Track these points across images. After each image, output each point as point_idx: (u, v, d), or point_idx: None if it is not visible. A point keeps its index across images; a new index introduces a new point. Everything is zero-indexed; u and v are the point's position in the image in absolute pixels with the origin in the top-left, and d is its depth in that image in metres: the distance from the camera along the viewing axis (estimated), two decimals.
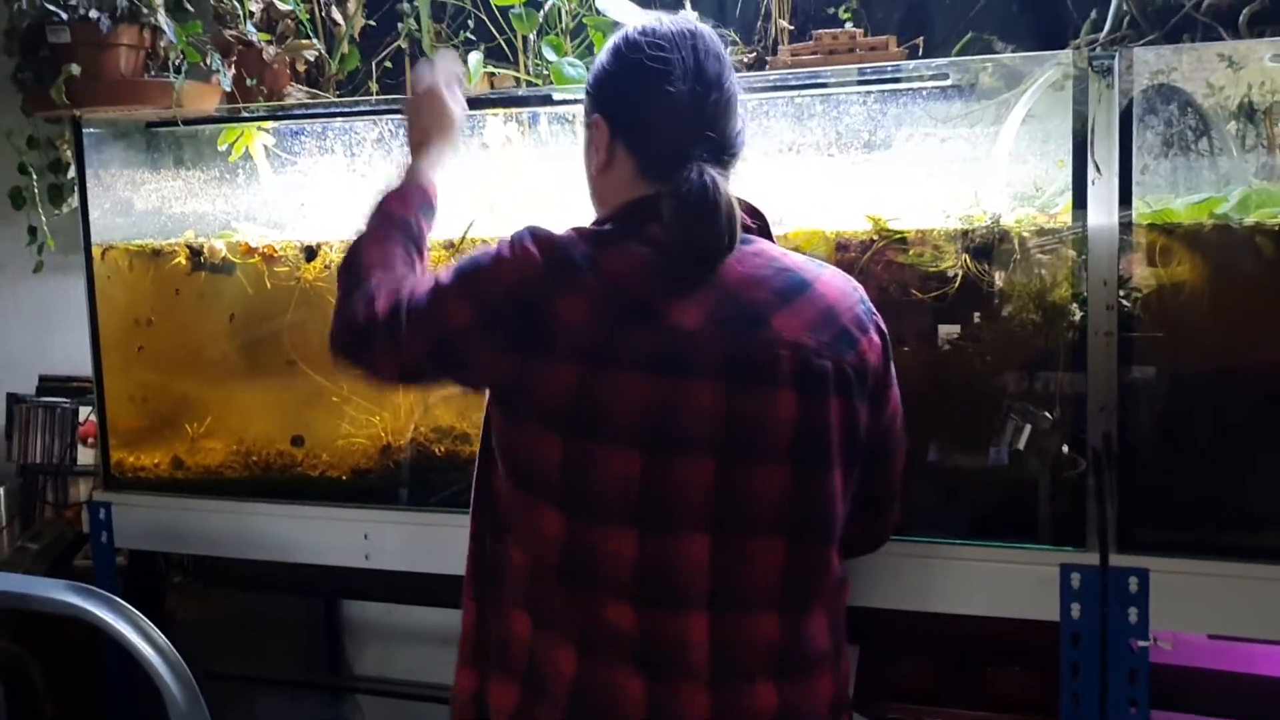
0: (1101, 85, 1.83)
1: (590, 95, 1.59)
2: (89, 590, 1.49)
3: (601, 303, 1.43)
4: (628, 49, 1.52)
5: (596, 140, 1.56)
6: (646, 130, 1.51)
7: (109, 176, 2.54)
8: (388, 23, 2.72)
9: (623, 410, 1.41)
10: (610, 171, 1.55)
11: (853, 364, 1.48)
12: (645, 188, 1.51)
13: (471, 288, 1.49)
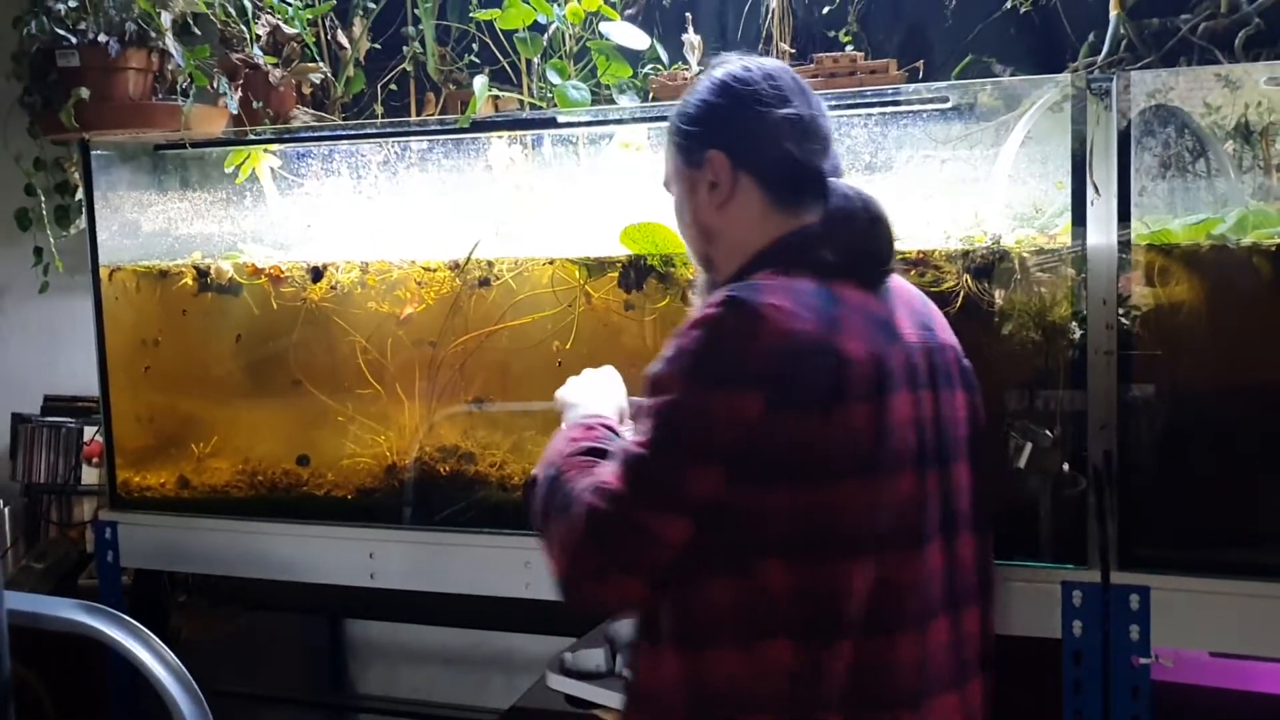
0: (1100, 107, 1.85)
1: (695, 134, 1.50)
2: (99, 609, 1.50)
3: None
4: (739, 82, 1.48)
5: (715, 176, 1.48)
6: (777, 158, 1.46)
7: (116, 198, 2.57)
8: (393, 46, 2.75)
9: (900, 433, 1.37)
10: (733, 207, 1.48)
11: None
12: (785, 217, 1.46)
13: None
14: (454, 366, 2.29)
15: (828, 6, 2.51)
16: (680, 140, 1.52)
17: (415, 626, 2.97)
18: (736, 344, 1.32)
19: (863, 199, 1.47)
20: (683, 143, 1.52)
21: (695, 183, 1.50)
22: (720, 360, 1.32)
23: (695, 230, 1.53)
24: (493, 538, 2.21)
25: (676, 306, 2.14)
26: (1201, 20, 2.15)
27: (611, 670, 2.25)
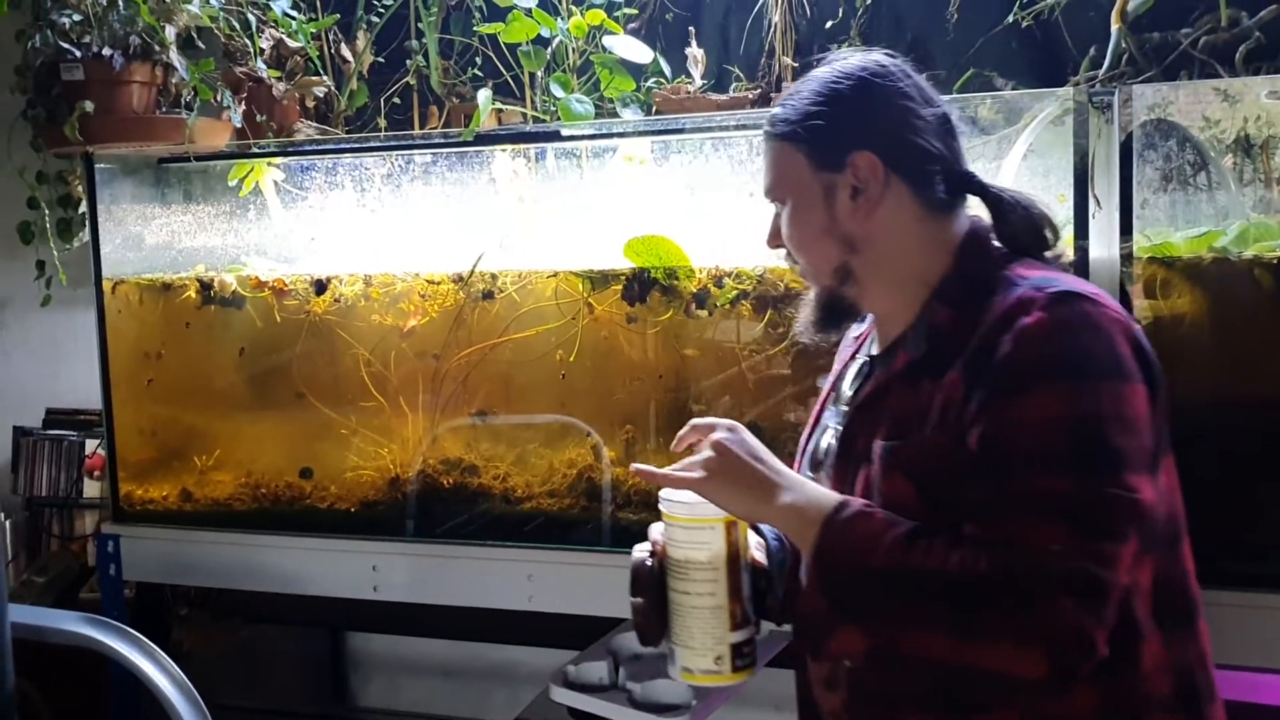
0: (1101, 121, 1.86)
1: (830, 134, 1.34)
2: (103, 622, 1.50)
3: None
4: (879, 76, 1.36)
5: (861, 180, 1.32)
6: (932, 158, 1.34)
7: (120, 211, 2.57)
8: (396, 60, 2.76)
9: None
10: (882, 212, 1.33)
11: None
12: (944, 221, 1.35)
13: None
14: (457, 379, 2.30)
15: (830, 20, 2.52)
16: (808, 142, 1.35)
17: (417, 639, 2.97)
18: (1109, 338, 1.19)
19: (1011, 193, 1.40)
20: (812, 144, 1.35)
21: (831, 188, 1.34)
22: (1104, 357, 1.18)
23: (831, 240, 1.35)
24: (495, 550, 2.21)
25: (679, 319, 2.15)
26: (1202, 34, 2.16)
27: (614, 683, 2.24)
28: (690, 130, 2.22)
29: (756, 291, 2.11)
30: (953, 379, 1.23)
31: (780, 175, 1.38)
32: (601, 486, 2.22)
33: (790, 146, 1.36)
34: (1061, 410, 1.15)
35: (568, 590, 2.16)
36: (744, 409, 2.16)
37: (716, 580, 1.36)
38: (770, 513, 1.30)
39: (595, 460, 2.24)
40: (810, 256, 1.38)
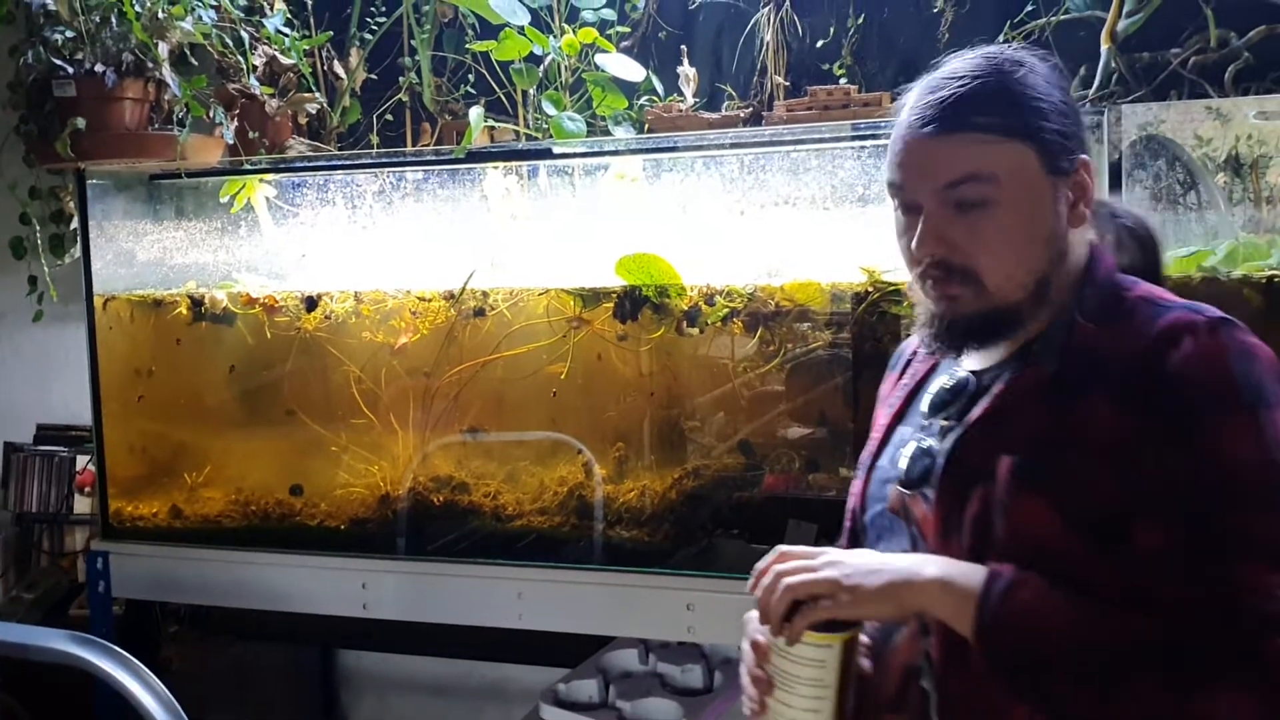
0: (1091, 140, 1.86)
1: (1070, 139, 1.25)
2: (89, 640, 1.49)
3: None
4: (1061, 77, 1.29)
5: (1085, 187, 1.25)
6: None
7: (111, 227, 2.57)
8: (389, 77, 2.76)
9: None
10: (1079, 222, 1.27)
11: None
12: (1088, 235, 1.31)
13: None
14: (448, 396, 2.29)
15: (822, 40, 2.53)
16: (1040, 140, 1.23)
17: (408, 656, 2.96)
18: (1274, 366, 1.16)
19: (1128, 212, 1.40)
20: (1046, 143, 1.23)
21: (1056, 191, 1.23)
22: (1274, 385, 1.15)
23: (1046, 249, 1.24)
24: (486, 568, 2.21)
25: (670, 337, 2.15)
26: (1191, 54, 2.17)
27: (604, 702, 2.24)
28: (682, 148, 2.22)
29: (747, 309, 2.11)
30: (1103, 401, 1.17)
31: (999, 169, 1.21)
32: (593, 504, 2.22)
33: (1018, 143, 1.22)
34: (1254, 443, 1.11)
35: (558, 608, 2.15)
36: (736, 426, 2.16)
37: (824, 698, 1.24)
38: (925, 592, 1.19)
39: (586, 478, 2.24)
40: (1011, 265, 1.23)
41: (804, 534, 2.08)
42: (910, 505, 1.31)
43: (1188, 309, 1.18)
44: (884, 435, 1.40)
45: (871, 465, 1.40)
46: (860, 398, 2.06)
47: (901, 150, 1.26)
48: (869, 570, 1.20)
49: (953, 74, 1.25)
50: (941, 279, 1.24)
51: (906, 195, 1.26)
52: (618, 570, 2.13)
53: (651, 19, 2.64)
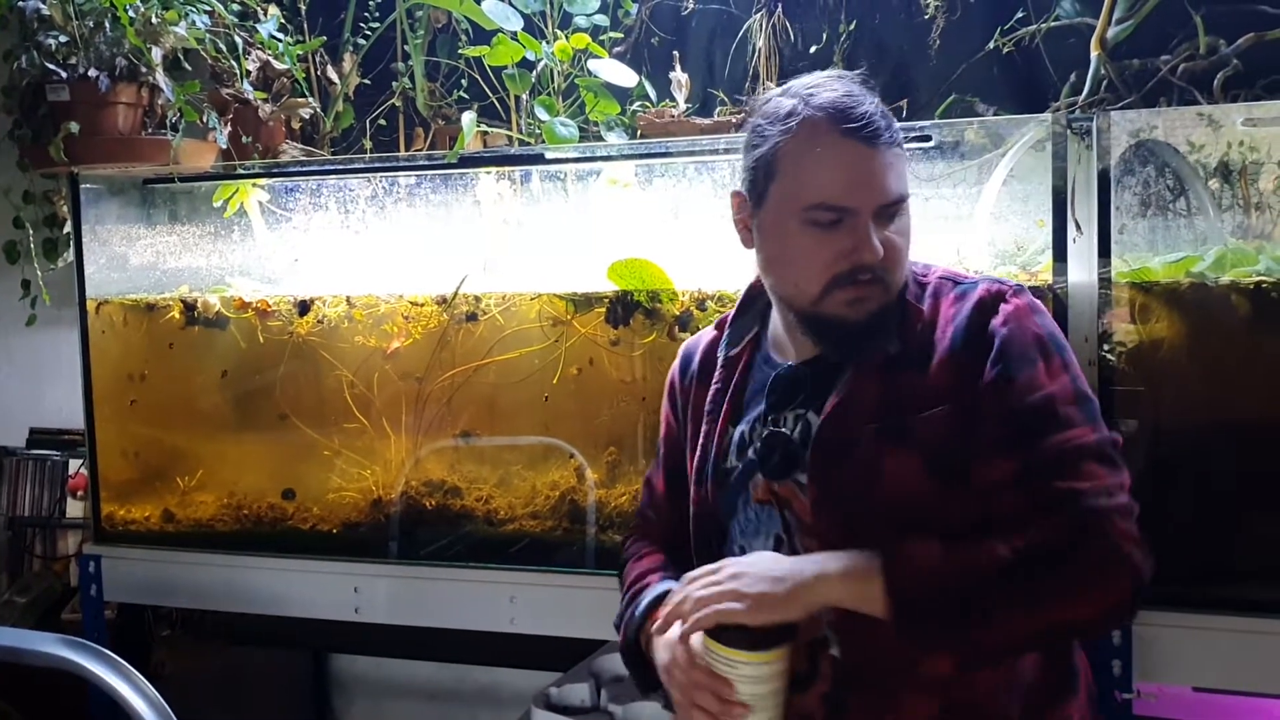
0: (1081, 146, 1.87)
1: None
2: (81, 644, 1.49)
3: None
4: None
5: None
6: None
7: (105, 232, 2.57)
8: (382, 82, 2.77)
9: None
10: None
11: None
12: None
13: None
14: (441, 401, 2.30)
15: (814, 46, 2.54)
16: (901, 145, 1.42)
17: (401, 661, 2.96)
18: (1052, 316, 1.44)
19: None
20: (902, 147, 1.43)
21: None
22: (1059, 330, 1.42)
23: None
24: (478, 572, 2.21)
25: (662, 342, 2.16)
26: (1181, 61, 2.18)
27: (596, 705, 2.24)
28: (674, 154, 2.23)
29: None
30: (940, 365, 1.35)
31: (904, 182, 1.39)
32: (585, 508, 2.22)
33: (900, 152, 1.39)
34: (1064, 376, 1.33)
35: (550, 612, 2.15)
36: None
37: (776, 706, 1.32)
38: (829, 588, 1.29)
39: (578, 482, 2.24)
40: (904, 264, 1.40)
41: None
42: (780, 492, 1.42)
43: (991, 281, 1.40)
44: (716, 437, 1.49)
45: (706, 470, 1.49)
46: None
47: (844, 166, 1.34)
48: (773, 578, 1.30)
49: (848, 92, 1.37)
50: (866, 283, 1.36)
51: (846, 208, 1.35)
52: (610, 574, 2.13)
53: (644, 25, 2.65)
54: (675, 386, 1.63)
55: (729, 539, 1.48)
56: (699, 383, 1.56)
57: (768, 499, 1.43)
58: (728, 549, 1.47)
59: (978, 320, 1.36)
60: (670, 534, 1.61)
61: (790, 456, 1.41)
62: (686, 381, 1.60)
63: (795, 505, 1.40)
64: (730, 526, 1.48)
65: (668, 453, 1.65)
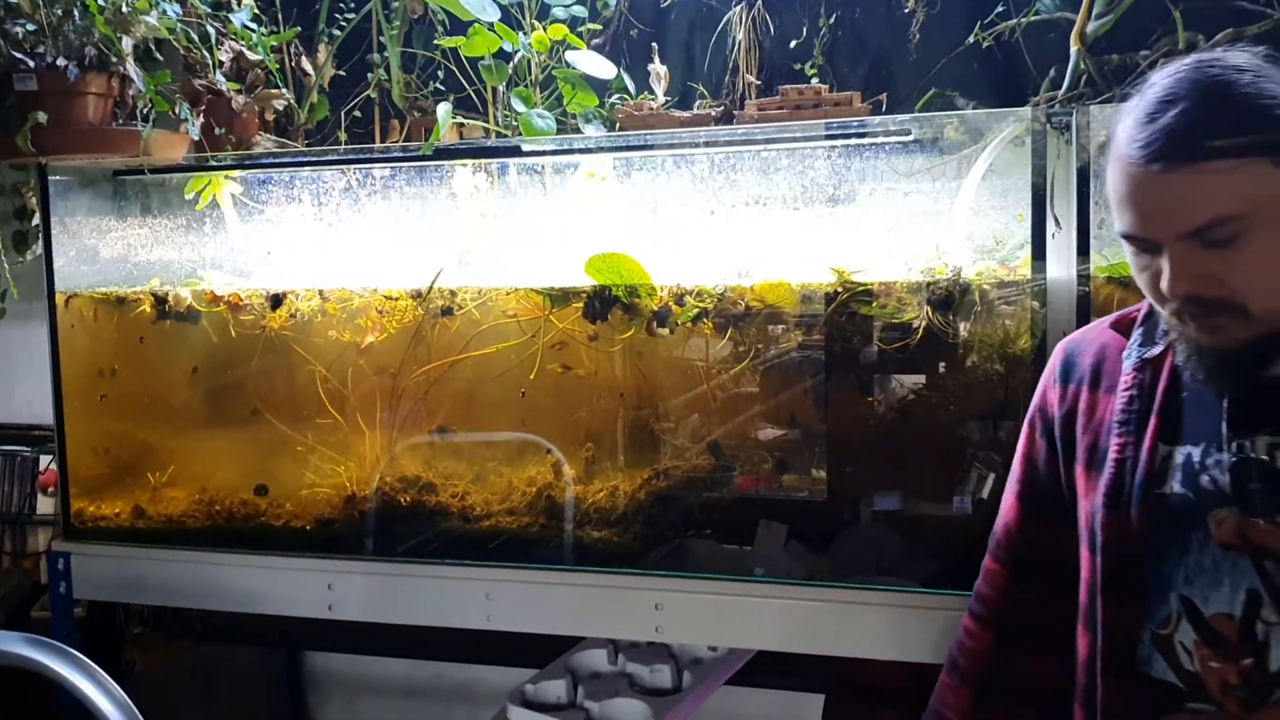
0: (1060, 141, 1.87)
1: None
2: (44, 642, 1.46)
3: None
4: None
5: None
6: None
7: (74, 224, 2.53)
8: (357, 73, 2.74)
9: None
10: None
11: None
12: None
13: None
14: (416, 396, 2.27)
15: (794, 39, 2.53)
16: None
17: (376, 658, 2.94)
18: None
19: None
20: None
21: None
22: None
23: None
24: (453, 569, 2.19)
25: (641, 337, 2.14)
26: (1160, 56, 2.18)
27: (573, 702, 2.23)
28: (653, 147, 2.21)
29: (718, 309, 2.10)
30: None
31: (1248, 195, 1.12)
32: (562, 505, 2.21)
33: (1256, 163, 1.12)
34: None
35: (527, 609, 2.14)
36: (707, 426, 2.16)
37: None
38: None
39: (555, 478, 2.22)
40: (1274, 288, 1.16)
41: (774, 534, 2.07)
42: (1257, 539, 1.20)
43: None
44: (1150, 457, 1.27)
45: (1147, 494, 1.27)
46: (831, 398, 2.06)
47: (1131, 193, 1.17)
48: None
49: (1168, 94, 1.15)
50: (1200, 315, 1.17)
51: (1145, 241, 1.18)
52: (586, 571, 2.12)
53: (623, 16, 2.64)
54: (1048, 399, 1.42)
55: (1165, 580, 1.26)
56: (1092, 390, 1.36)
57: (1237, 543, 1.21)
58: (1161, 591, 1.26)
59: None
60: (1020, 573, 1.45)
61: (1273, 489, 1.20)
62: (1070, 387, 1.39)
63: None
64: (1169, 567, 1.26)
65: (1025, 478, 1.45)
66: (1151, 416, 1.28)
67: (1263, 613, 1.19)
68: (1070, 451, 1.37)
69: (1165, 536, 1.25)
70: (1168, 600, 1.25)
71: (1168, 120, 1.12)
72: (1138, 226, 1.17)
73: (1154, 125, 1.13)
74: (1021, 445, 1.47)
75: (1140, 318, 1.36)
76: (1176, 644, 1.24)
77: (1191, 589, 1.23)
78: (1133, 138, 1.15)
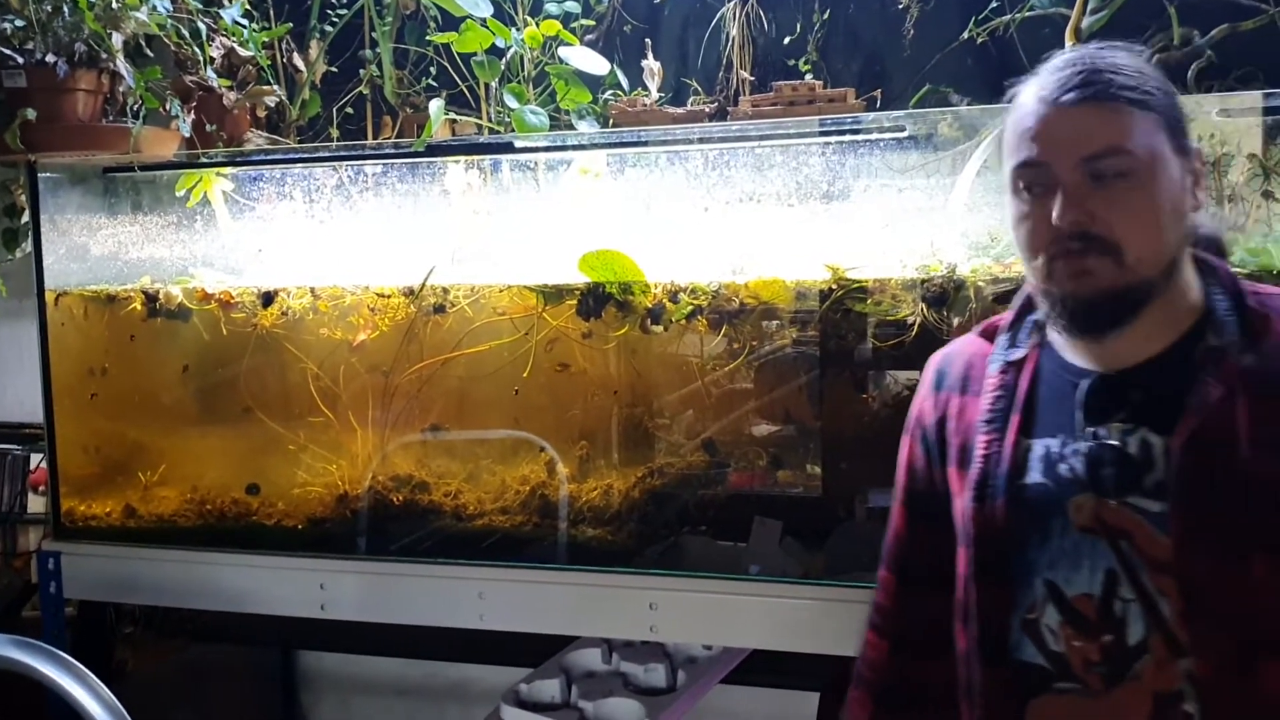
0: None
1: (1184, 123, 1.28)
2: (32, 644, 1.45)
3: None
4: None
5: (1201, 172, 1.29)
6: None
7: (64, 221, 2.52)
8: (349, 69, 2.73)
9: None
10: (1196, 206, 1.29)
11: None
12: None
13: None
14: (408, 394, 2.26)
15: (788, 36, 2.52)
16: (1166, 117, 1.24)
17: (370, 657, 2.93)
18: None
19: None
20: (1171, 121, 1.25)
21: (1181, 170, 1.25)
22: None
23: (1178, 226, 1.25)
24: (446, 568, 2.18)
25: (635, 334, 2.13)
26: (1155, 52, 2.17)
27: (566, 702, 2.22)
28: (647, 143, 2.20)
29: (712, 306, 2.09)
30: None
31: (1139, 139, 1.22)
32: (555, 503, 2.20)
33: (1150, 114, 1.23)
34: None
35: (520, 608, 2.13)
36: (701, 423, 2.15)
37: None
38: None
39: (549, 476, 2.21)
40: (1151, 239, 1.23)
41: (769, 531, 2.07)
42: (1112, 521, 1.25)
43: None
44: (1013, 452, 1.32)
45: (1011, 486, 1.32)
46: (825, 395, 2.05)
47: (1039, 122, 1.24)
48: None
49: (1084, 52, 1.27)
50: (1079, 252, 1.22)
51: (1041, 171, 1.24)
52: (580, 570, 2.11)
53: (616, 12, 2.63)
54: (922, 408, 1.47)
55: (1029, 566, 1.30)
56: (961, 394, 1.41)
57: (1094, 526, 1.26)
58: (1026, 578, 1.30)
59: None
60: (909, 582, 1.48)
61: (1126, 472, 1.25)
62: (941, 394, 1.44)
63: (1138, 538, 1.24)
64: (1032, 553, 1.30)
65: (907, 485, 1.49)
66: (1014, 414, 1.34)
67: (1120, 590, 1.24)
68: (944, 454, 1.43)
69: (1028, 525, 1.30)
70: (1034, 586, 1.30)
71: (1084, 64, 1.24)
72: (1040, 153, 1.24)
73: (1067, 71, 1.24)
74: (903, 455, 1.51)
75: (1006, 324, 1.42)
76: (1043, 627, 1.29)
77: (1055, 573, 1.28)
78: (1044, 84, 1.25)
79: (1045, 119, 1.24)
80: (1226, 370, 1.22)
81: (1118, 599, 1.25)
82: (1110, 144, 1.21)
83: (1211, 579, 1.20)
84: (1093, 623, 1.26)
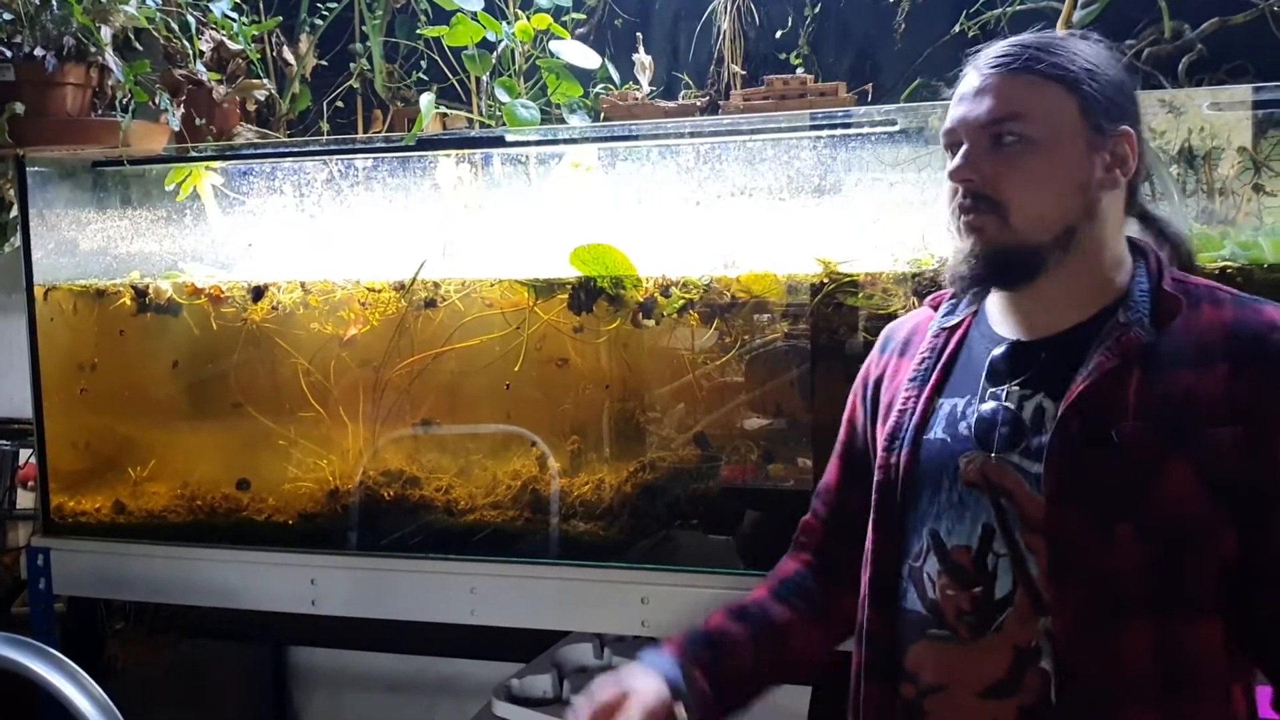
0: None
1: (1115, 105, 1.32)
2: (19, 640, 1.44)
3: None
4: (1119, 62, 1.36)
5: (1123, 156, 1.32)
6: (1145, 163, 1.38)
7: (53, 216, 2.51)
8: (340, 63, 2.72)
9: None
10: (1113, 196, 1.33)
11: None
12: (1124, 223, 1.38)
13: None
14: (399, 389, 2.26)
15: (779, 29, 2.51)
16: (1085, 94, 1.29)
17: (361, 653, 2.92)
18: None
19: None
20: (1090, 98, 1.30)
21: (1093, 147, 1.30)
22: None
23: (1077, 197, 1.30)
24: (437, 563, 2.18)
25: (626, 329, 2.13)
26: (1146, 46, 2.18)
27: (558, 697, 2.22)
28: (638, 137, 2.20)
29: (703, 300, 2.09)
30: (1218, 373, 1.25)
31: (1042, 110, 1.29)
32: (547, 498, 2.19)
33: (1062, 89, 1.29)
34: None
35: (512, 603, 2.13)
36: (693, 417, 2.15)
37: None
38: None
39: (540, 471, 2.21)
40: (1043, 204, 1.29)
41: (760, 524, 2.07)
42: (995, 478, 1.32)
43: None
44: (922, 408, 1.41)
45: (916, 439, 1.40)
46: (817, 389, 2.05)
47: (963, 92, 1.34)
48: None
49: (1035, 34, 1.36)
50: (969, 209, 1.30)
51: (956, 135, 1.33)
52: (572, 564, 2.11)
53: (607, 6, 2.62)
54: (868, 368, 1.55)
55: (920, 517, 1.37)
56: (900, 356, 1.50)
57: (978, 482, 1.33)
58: (916, 527, 1.38)
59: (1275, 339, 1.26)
60: (835, 527, 1.55)
61: (1015, 433, 1.32)
62: (884, 356, 1.52)
63: (1017, 496, 1.30)
64: (924, 504, 1.38)
65: (847, 440, 1.56)
66: (934, 373, 1.42)
67: (994, 545, 1.31)
68: (875, 410, 1.51)
69: (924, 477, 1.38)
70: (921, 535, 1.37)
71: (1007, 45, 1.33)
72: (956, 119, 1.33)
73: (1003, 48, 1.33)
74: (847, 411, 1.58)
75: (949, 294, 1.49)
76: (924, 575, 1.36)
77: (939, 524, 1.35)
78: (982, 57, 1.35)
79: (967, 89, 1.34)
80: (1125, 344, 1.27)
81: (991, 553, 1.31)
82: (1011, 110, 1.29)
83: (1077, 540, 1.25)
84: (968, 574, 1.32)
